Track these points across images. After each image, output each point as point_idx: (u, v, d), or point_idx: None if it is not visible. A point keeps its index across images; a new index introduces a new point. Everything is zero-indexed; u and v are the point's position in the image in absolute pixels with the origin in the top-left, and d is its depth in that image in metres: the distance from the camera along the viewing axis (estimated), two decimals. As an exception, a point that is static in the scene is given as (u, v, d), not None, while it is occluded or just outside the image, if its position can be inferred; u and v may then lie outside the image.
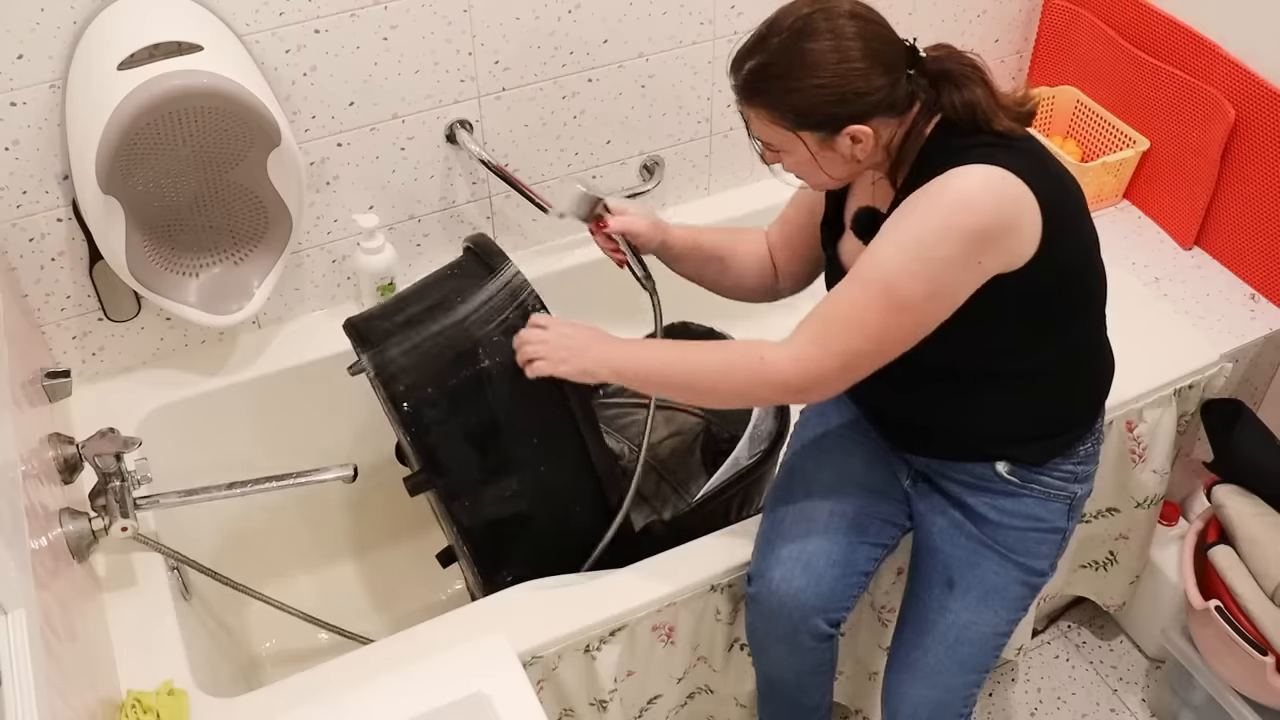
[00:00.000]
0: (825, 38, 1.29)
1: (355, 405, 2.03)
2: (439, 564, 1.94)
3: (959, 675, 1.62)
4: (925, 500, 1.62)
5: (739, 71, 1.35)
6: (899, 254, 1.32)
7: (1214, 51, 2.01)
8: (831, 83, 1.29)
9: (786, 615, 1.63)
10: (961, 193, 1.29)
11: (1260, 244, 2.05)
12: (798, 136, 1.34)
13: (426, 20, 1.80)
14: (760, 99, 1.34)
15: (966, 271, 1.31)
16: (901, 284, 1.32)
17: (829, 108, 1.31)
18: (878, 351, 1.38)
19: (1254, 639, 1.82)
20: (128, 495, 1.54)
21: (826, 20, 1.30)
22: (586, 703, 1.67)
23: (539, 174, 2.06)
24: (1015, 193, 1.29)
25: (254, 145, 1.68)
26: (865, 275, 1.35)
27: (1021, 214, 1.30)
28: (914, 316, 1.34)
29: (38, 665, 1.05)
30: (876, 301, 1.33)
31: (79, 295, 1.82)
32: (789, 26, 1.31)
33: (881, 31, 1.33)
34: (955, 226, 1.29)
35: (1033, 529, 1.56)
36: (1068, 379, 1.51)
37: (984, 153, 1.31)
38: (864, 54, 1.30)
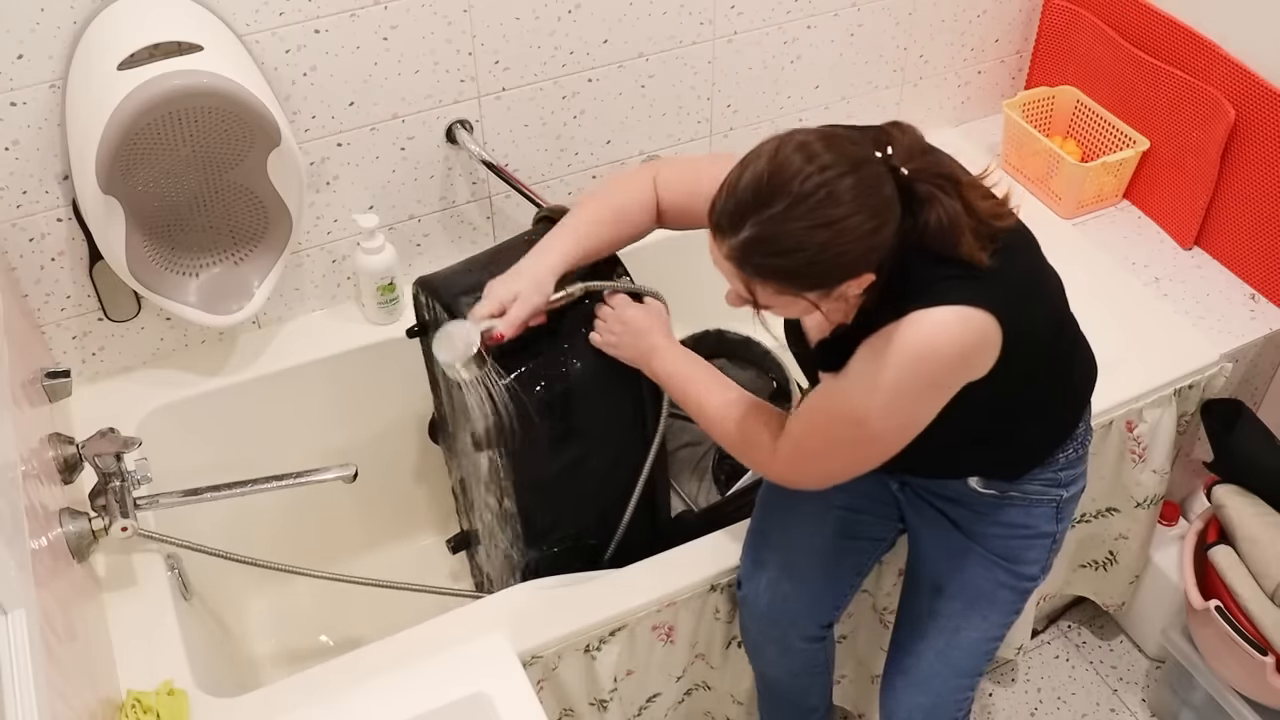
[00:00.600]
0: (832, 204, 1.20)
1: (355, 405, 2.03)
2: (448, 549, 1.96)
3: (950, 680, 1.62)
4: (912, 505, 1.62)
5: (732, 237, 1.23)
6: (870, 397, 1.31)
7: (1214, 51, 2.01)
8: (846, 250, 1.22)
9: (774, 619, 1.64)
10: (925, 343, 1.27)
11: (1260, 244, 2.05)
12: (800, 298, 1.27)
13: (426, 20, 1.80)
14: (763, 272, 1.24)
15: (935, 401, 1.33)
16: (873, 422, 1.33)
17: (840, 271, 1.24)
18: (854, 468, 1.43)
19: (1254, 639, 1.82)
20: (128, 495, 1.54)
21: (828, 185, 1.19)
22: (586, 702, 1.67)
23: (539, 174, 2.06)
24: (976, 329, 1.28)
25: (254, 145, 1.68)
26: (838, 411, 1.36)
27: (984, 345, 1.29)
28: (885, 444, 1.37)
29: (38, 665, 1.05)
30: (849, 434, 1.36)
31: (79, 295, 1.82)
32: (789, 193, 1.20)
33: (874, 177, 1.23)
34: (923, 372, 1.29)
35: (1019, 535, 1.54)
36: (1034, 417, 1.47)
37: (949, 288, 1.27)
38: (872, 211, 1.21)
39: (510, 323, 1.47)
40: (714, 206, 1.26)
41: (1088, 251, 2.16)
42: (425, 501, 2.22)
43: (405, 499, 2.20)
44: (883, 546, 1.69)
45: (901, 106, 2.35)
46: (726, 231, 1.24)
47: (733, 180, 1.24)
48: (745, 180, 1.23)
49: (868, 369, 1.31)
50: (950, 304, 1.27)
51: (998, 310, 1.28)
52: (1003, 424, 1.45)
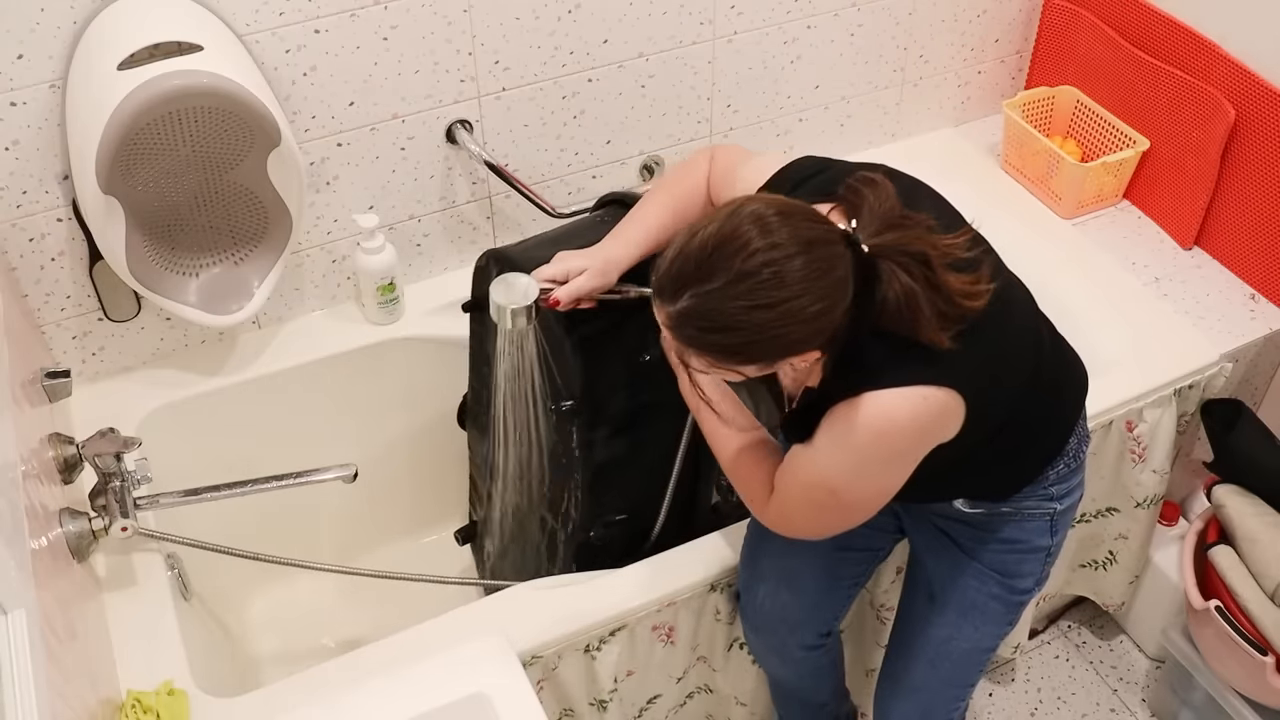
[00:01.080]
0: (778, 285, 1.14)
1: (355, 405, 2.03)
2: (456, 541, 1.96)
3: (940, 691, 1.61)
4: (910, 517, 1.61)
5: (671, 305, 1.18)
6: (838, 471, 1.31)
7: (1214, 51, 2.01)
8: (786, 331, 1.17)
9: (772, 629, 1.64)
10: (881, 424, 1.24)
11: (1260, 244, 2.05)
12: (738, 371, 1.24)
13: (426, 20, 1.80)
14: (698, 344, 1.20)
15: (903, 469, 1.32)
16: (845, 492, 1.33)
17: (779, 350, 1.20)
18: (843, 526, 1.41)
19: (1254, 639, 1.82)
20: (128, 495, 1.54)
21: (776, 265, 1.14)
22: (586, 703, 1.67)
23: (539, 174, 2.06)
24: (934, 405, 1.25)
25: (254, 145, 1.68)
26: (811, 480, 1.34)
27: (945, 417, 1.27)
28: (866, 507, 1.37)
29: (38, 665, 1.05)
30: (827, 500, 1.35)
31: (79, 295, 1.82)
32: (731, 269, 1.14)
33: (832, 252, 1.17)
34: (881, 453, 1.28)
35: (1012, 550, 1.52)
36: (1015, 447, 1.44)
37: (905, 368, 1.23)
38: (820, 293, 1.16)
39: (568, 293, 1.50)
40: (657, 268, 1.20)
41: (1088, 251, 2.16)
42: (426, 500, 2.22)
43: (406, 498, 2.20)
44: (880, 556, 1.69)
45: (901, 106, 2.35)
46: (666, 298, 1.19)
47: (680, 244, 1.18)
48: (691, 247, 1.17)
49: (831, 445, 1.29)
50: (906, 385, 1.24)
51: (958, 385, 1.25)
52: (985, 459, 1.42)
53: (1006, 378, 1.34)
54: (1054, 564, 1.58)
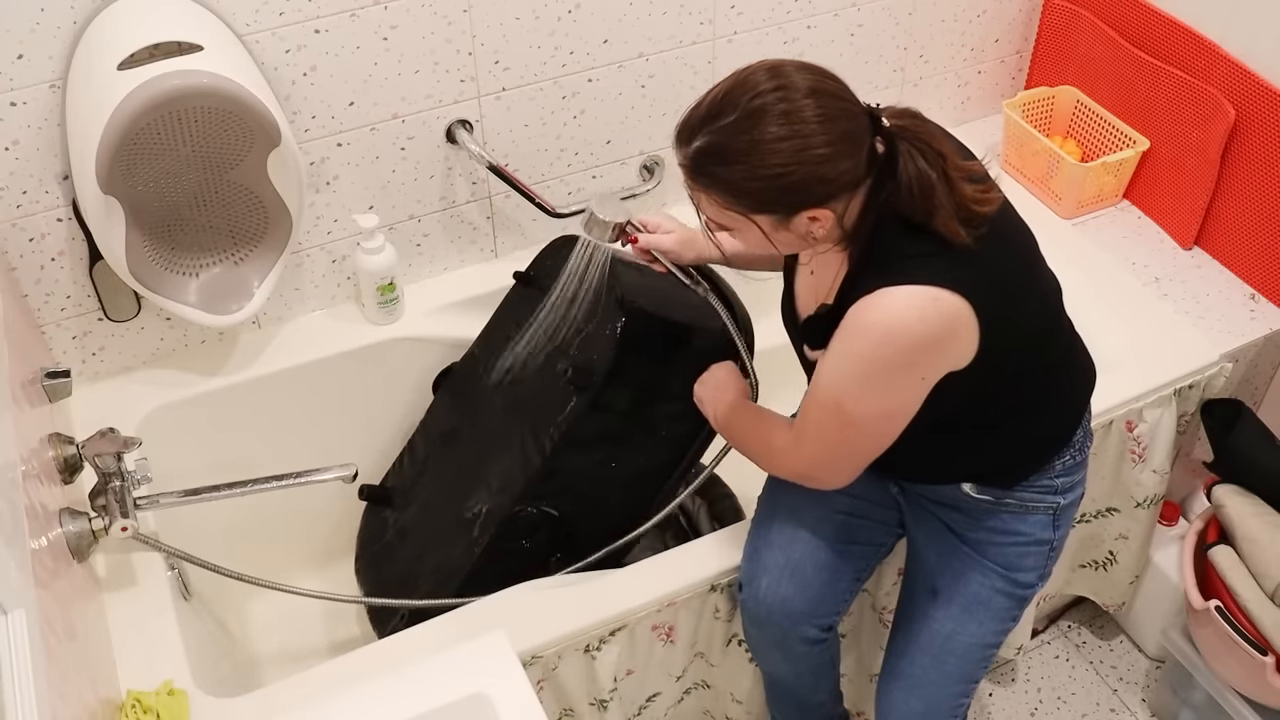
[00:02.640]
0: (785, 121, 1.19)
1: (355, 405, 2.03)
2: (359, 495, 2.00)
3: (945, 686, 1.61)
4: (912, 509, 1.62)
5: (686, 147, 1.25)
6: (845, 382, 1.31)
7: (1214, 51, 2.01)
8: (791, 170, 1.20)
9: (775, 622, 1.64)
10: (888, 323, 1.25)
11: (1260, 244, 2.05)
12: (750, 220, 1.27)
13: (426, 20, 1.80)
14: (711, 182, 1.25)
15: (912, 390, 1.31)
16: (852, 408, 1.33)
17: (788, 195, 1.23)
18: (855, 459, 1.42)
19: (1254, 639, 1.82)
20: (128, 495, 1.54)
21: (786, 102, 1.19)
22: (586, 702, 1.67)
23: (539, 174, 2.06)
24: (944, 310, 1.25)
25: (254, 145, 1.68)
26: (822, 397, 1.36)
27: (954, 329, 1.26)
28: (873, 434, 1.37)
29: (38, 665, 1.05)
30: (833, 420, 1.36)
31: (79, 295, 1.82)
32: (745, 106, 1.20)
33: (845, 107, 1.23)
34: (887, 357, 1.27)
35: (1015, 543, 1.53)
36: (1027, 417, 1.47)
37: (918, 264, 1.25)
38: (827, 138, 1.20)
39: (650, 242, 1.64)
40: (678, 123, 1.28)
41: (1088, 251, 2.16)
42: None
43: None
44: (883, 551, 1.69)
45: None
46: (683, 142, 1.26)
47: (698, 98, 1.27)
48: (709, 95, 1.25)
49: (838, 350, 1.31)
50: (917, 284, 1.24)
51: (972, 296, 1.25)
52: (996, 428, 1.44)
53: (1021, 315, 1.34)
54: (1056, 561, 1.59)
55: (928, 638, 1.59)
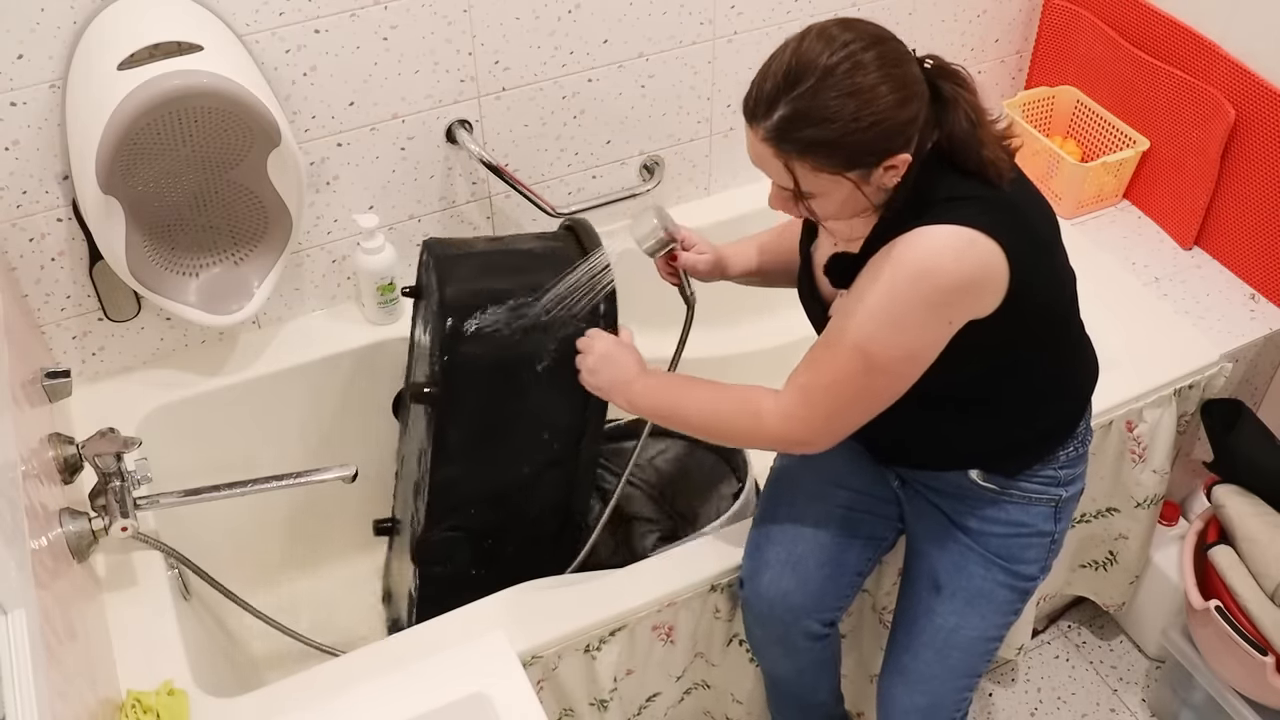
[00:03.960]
0: (861, 74, 1.24)
1: (355, 405, 2.03)
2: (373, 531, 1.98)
3: (948, 681, 1.61)
4: (912, 503, 1.62)
5: (767, 120, 1.27)
6: (870, 322, 1.31)
7: (1214, 51, 2.01)
8: (874, 120, 1.24)
9: (777, 618, 1.64)
10: (925, 259, 1.27)
11: (1260, 244, 2.05)
12: (844, 178, 1.29)
13: (426, 20, 1.80)
14: (803, 147, 1.27)
15: (938, 331, 1.32)
16: (876, 351, 1.32)
17: (879, 143, 1.26)
18: (863, 410, 1.40)
19: (1254, 639, 1.82)
20: (128, 495, 1.54)
21: (852, 60, 1.24)
22: (586, 702, 1.67)
23: (539, 174, 2.06)
24: (980, 254, 1.28)
25: (254, 145, 1.68)
26: (841, 341, 1.35)
27: (988, 273, 1.29)
28: (891, 377, 1.36)
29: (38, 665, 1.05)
30: (854, 365, 1.34)
31: (79, 295, 1.82)
32: (820, 68, 1.24)
33: (902, 51, 1.29)
34: (921, 294, 1.28)
35: (1017, 534, 1.54)
36: (1037, 400, 1.48)
37: (957, 207, 1.28)
38: (899, 83, 1.26)
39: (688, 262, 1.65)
40: (748, 99, 1.29)
41: (1088, 251, 2.16)
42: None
43: (405, 499, 2.20)
44: (884, 545, 1.69)
45: (901, 106, 2.35)
46: (761, 116, 1.27)
47: (762, 72, 1.29)
48: (773, 69, 1.28)
49: (868, 287, 1.31)
50: (958, 224, 1.27)
51: (1007, 243, 1.28)
52: (1008, 400, 1.45)
53: (1044, 277, 1.37)
54: (1057, 554, 1.60)
55: (931, 632, 1.59)
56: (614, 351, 1.58)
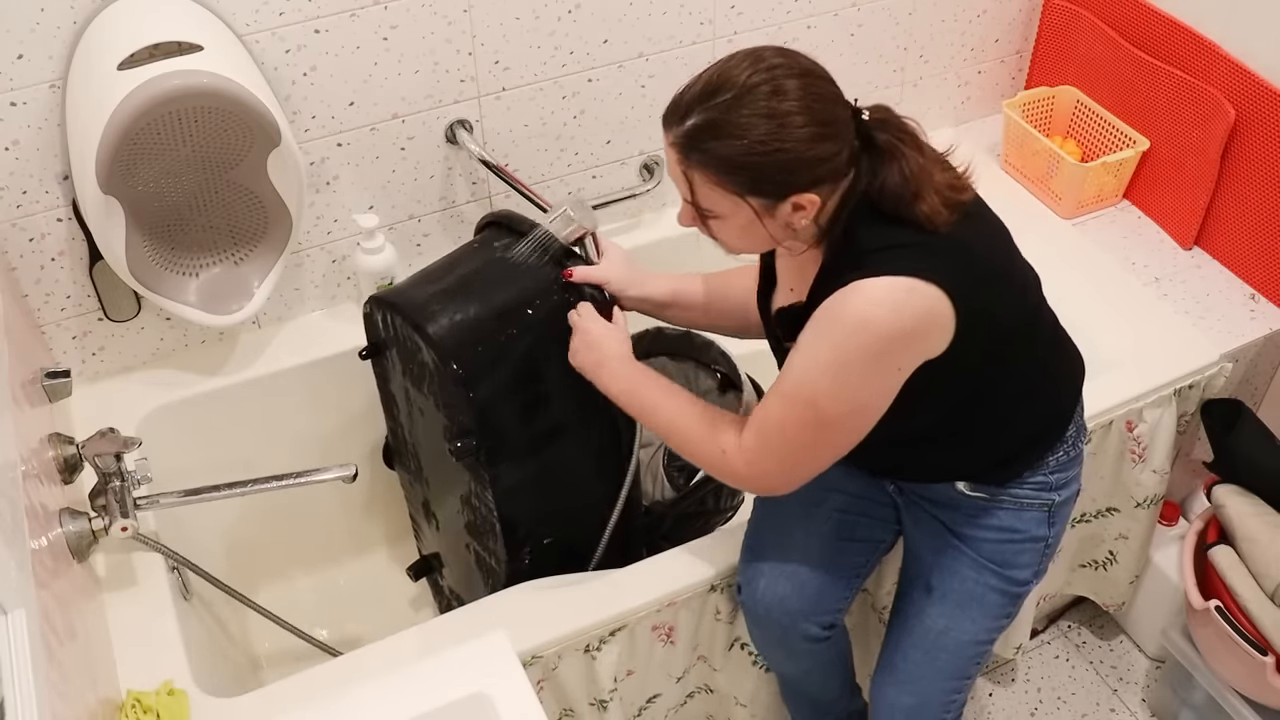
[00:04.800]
0: (779, 100, 1.23)
1: (355, 405, 2.03)
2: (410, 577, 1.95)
3: (936, 682, 1.60)
4: (908, 508, 1.61)
5: (679, 126, 1.27)
6: (816, 375, 1.30)
7: (1214, 51, 2.01)
8: (786, 148, 1.23)
9: (775, 621, 1.64)
10: (862, 312, 1.25)
11: (1260, 244, 2.05)
12: (744, 201, 1.27)
13: (426, 20, 1.80)
14: (705, 159, 1.26)
15: (885, 381, 1.30)
16: (823, 404, 1.31)
17: (780, 173, 1.25)
18: (820, 458, 1.39)
19: (1254, 639, 1.82)
20: (128, 495, 1.54)
21: (774, 83, 1.23)
22: (586, 703, 1.67)
23: (539, 174, 2.06)
24: (920, 301, 1.25)
25: (254, 145, 1.68)
26: (790, 392, 1.34)
27: (930, 318, 1.26)
28: (843, 430, 1.35)
29: (38, 665, 1.05)
30: (803, 416, 1.33)
31: (79, 295, 1.82)
32: (739, 85, 1.24)
33: (834, 92, 1.27)
34: (862, 347, 1.26)
35: (1010, 540, 1.52)
36: (1014, 413, 1.45)
37: (893, 256, 1.26)
38: (818, 119, 1.24)
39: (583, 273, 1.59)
40: (669, 105, 1.29)
41: (1088, 251, 2.16)
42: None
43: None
44: (882, 548, 1.69)
45: (901, 106, 2.32)
46: (674, 122, 1.27)
47: (688, 82, 1.29)
48: (698, 78, 1.28)
49: (811, 342, 1.30)
50: (894, 274, 1.25)
51: (949, 285, 1.25)
52: (983, 422, 1.44)
53: (999, 303, 1.34)
54: (1052, 558, 1.59)
55: (920, 633, 1.59)
56: (599, 332, 1.55)
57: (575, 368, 1.57)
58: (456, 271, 1.64)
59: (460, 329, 1.56)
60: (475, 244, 1.71)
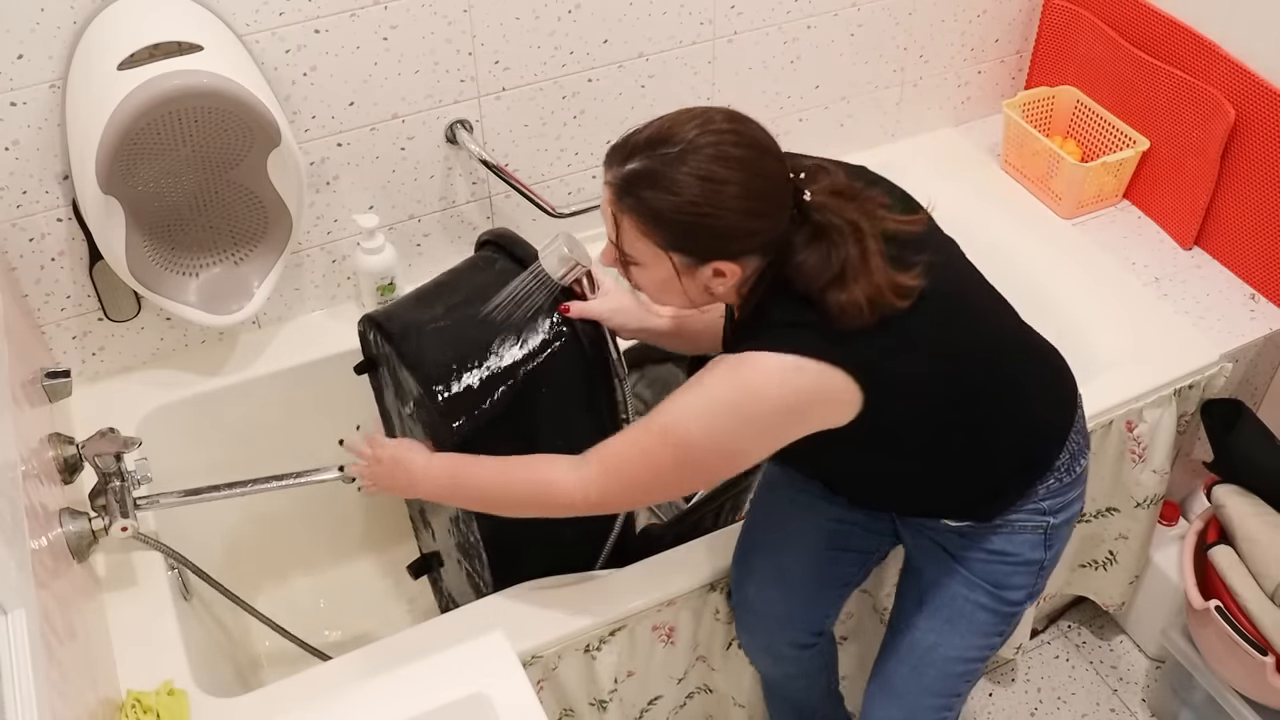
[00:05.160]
0: (722, 166, 1.22)
1: (355, 406, 2.03)
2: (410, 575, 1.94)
3: (922, 698, 1.58)
4: (904, 523, 1.58)
5: (620, 167, 1.26)
6: (692, 424, 1.28)
7: (1214, 51, 2.01)
8: (712, 213, 1.23)
9: (763, 627, 1.63)
10: (748, 383, 1.25)
11: (1260, 244, 2.05)
12: (666, 255, 1.27)
13: (426, 20, 1.80)
14: (635, 204, 1.25)
15: (759, 442, 1.30)
16: (691, 450, 1.29)
17: (706, 238, 1.25)
18: (667, 494, 1.39)
19: (1254, 639, 1.82)
20: (128, 495, 1.54)
21: (719, 149, 1.23)
22: (586, 703, 1.67)
23: (539, 174, 2.06)
24: (807, 380, 1.23)
25: (254, 145, 1.68)
26: (661, 426, 1.31)
27: (818, 395, 1.24)
28: (700, 475, 1.35)
29: (38, 665, 1.05)
30: (668, 453, 1.31)
31: (79, 295, 1.82)
32: (685, 141, 1.23)
33: (781, 171, 1.27)
34: (740, 413, 1.26)
35: (1003, 562, 1.48)
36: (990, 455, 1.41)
37: (789, 335, 1.24)
38: (751, 193, 1.23)
39: (582, 310, 1.56)
40: (614, 145, 1.28)
41: (1088, 251, 2.16)
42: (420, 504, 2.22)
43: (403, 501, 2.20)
44: (875, 558, 1.67)
45: (901, 106, 2.35)
46: (617, 162, 1.27)
47: (639, 126, 1.28)
48: (649, 125, 1.27)
49: (698, 386, 1.29)
50: (786, 351, 1.23)
51: (854, 370, 1.23)
52: (958, 467, 1.40)
53: (938, 370, 1.30)
54: (1049, 577, 1.55)
55: (908, 646, 1.56)
56: (385, 457, 1.52)
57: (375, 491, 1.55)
58: (447, 298, 1.63)
59: (446, 359, 1.55)
60: (470, 265, 1.69)
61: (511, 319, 1.56)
